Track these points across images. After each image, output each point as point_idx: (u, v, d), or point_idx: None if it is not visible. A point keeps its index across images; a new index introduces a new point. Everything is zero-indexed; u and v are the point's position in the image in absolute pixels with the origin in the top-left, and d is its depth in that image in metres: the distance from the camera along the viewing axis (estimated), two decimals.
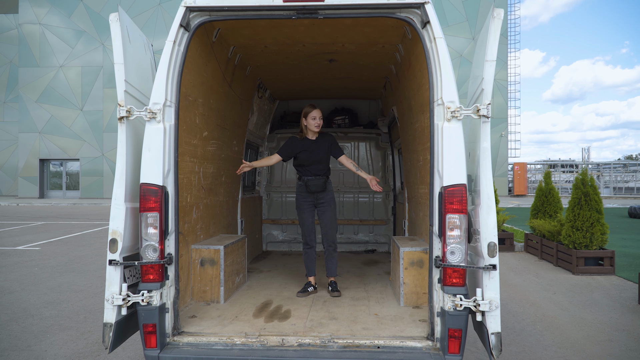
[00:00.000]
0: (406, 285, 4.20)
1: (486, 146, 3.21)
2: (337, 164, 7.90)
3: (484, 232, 3.16)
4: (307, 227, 4.96)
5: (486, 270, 3.12)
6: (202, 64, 4.17)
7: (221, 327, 3.61)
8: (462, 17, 31.26)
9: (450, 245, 3.23)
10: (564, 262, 8.93)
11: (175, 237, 3.43)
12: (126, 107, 3.30)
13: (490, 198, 3.18)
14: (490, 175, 3.20)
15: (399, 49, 4.72)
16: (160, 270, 3.35)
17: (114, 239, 3.27)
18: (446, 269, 3.22)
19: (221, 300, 4.30)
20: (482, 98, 3.21)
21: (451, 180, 3.21)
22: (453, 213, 3.23)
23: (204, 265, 4.31)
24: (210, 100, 4.57)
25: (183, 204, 4.07)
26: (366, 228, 7.89)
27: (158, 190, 3.33)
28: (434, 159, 3.30)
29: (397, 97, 5.70)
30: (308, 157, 4.89)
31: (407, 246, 4.30)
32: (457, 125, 3.23)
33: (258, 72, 5.84)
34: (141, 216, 3.32)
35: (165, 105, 3.36)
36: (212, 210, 4.91)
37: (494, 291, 3.11)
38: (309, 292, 4.73)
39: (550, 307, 6.44)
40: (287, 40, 4.60)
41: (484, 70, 3.21)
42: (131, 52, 3.51)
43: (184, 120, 3.95)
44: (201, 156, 4.46)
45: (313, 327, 3.61)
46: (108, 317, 3.22)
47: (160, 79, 3.37)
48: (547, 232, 9.79)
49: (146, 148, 3.33)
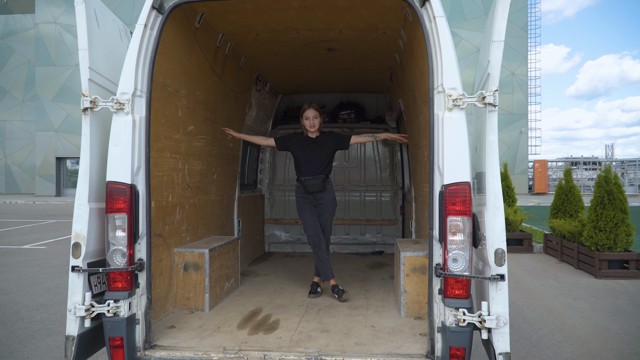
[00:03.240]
0: (407, 293, 3.82)
1: (493, 139, 2.81)
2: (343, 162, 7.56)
3: (491, 237, 2.77)
4: (312, 227, 4.64)
5: (493, 281, 2.73)
6: (183, 52, 3.84)
7: (199, 339, 3.27)
8: (481, 10, 30.50)
9: (452, 252, 2.84)
10: (586, 265, 8.43)
11: (147, 240, 3.10)
12: (90, 97, 2.98)
13: (498, 198, 2.78)
14: (497, 172, 2.81)
15: (401, 35, 4.33)
16: (129, 277, 3.02)
17: (77, 243, 2.96)
18: (447, 278, 2.83)
19: (206, 308, 3.96)
20: (488, 84, 2.81)
21: (453, 177, 2.83)
22: (455, 215, 2.84)
23: (187, 270, 3.98)
24: (196, 92, 4.24)
25: (163, 204, 3.74)
26: (373, 228, 7.49)
27: (126, 189, 3.00)
28: (434, 153, 2.91)
29: (402, 88, 5.31)
30: (304, 155, 4.63)
31: (409, 250, 3.92)
32: (460, 115, 2.83)
33: (254, 63, 5.50)
34: (107, 218, 3.01)
35: (134, 95, 3.03)
36: (201, 210, 4.59)
37: (502, 305, 2.71)
38: (319, 292, 4.59)
39: (570, 314, 5.98)
40: (279, 26, 4.25)
41: (490, 52, 2.81)
42: (100, 38, 3.19)
43: (162, 113, 3.62)
44: (186, 152, 4.13)
45: (300, 341, 3.25)
46: (70, 330, 2.92)
47: (129, 66, 3.04)
48: (568, 232, 9.29)
49: (113, 143, 3.01)
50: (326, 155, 4.66)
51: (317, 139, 4.68)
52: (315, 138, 4.68)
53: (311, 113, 4.57)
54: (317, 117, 4.59)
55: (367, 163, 7.56)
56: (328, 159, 4.69)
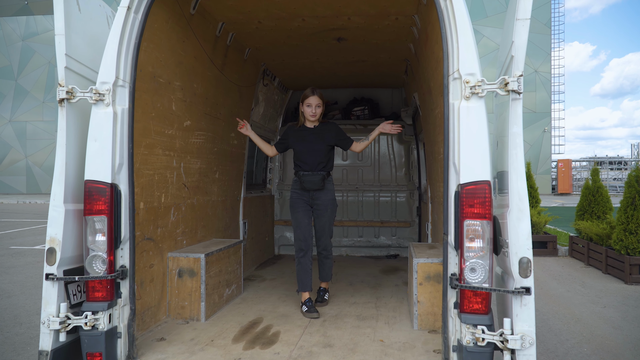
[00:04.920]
0: (421, 304, 3.46)
1: (517, 131, 2.45)
2: (356, 160, 7.21)
3: (514, 245, 2.41)
4: (302, 229, 4.15)
5: (517, 295, 2.37)
6: (176, 41, 3.55)
7: (189, 354, 2.97)
8: (502, 6, 29.76)
9: (470, 261, 2.49)
10: (615, 270, 7.93)
11: (130, 245, 2.81)
12: (67, 88, 2.70)
13: (523, 200, 2.41)
14: (522, 169, 2.44)
15: (415, 21, 3.98)
16: (109, 286, 2.74)
17: (52, 249, 2.68)
18: (464, 290, 2.48)
19: (202, 317, 3.66)
20: (511, 68, 2.45)
21: (471, 176, 2.47)
22: (473, 218, 2.49)
23: (182, 277, 3.69)
24: (193, 85, 3.95)
25: (154, 204, 3.45)
26: (388, 230, 7.12)
27: (106, 189, 2.72)
28: (449, 148, 2.57)
29: (417, 81, 4.95)
30: (303, 148, 4.16)
31: (423, 256, 3.56)
32: (478, 105, 2.48)
33: (260, 55, 5.19)
34: (86, 220, 2.72)
35: (116, 85, 2.75)
36: (201, 211, 4.29)
37: (527, 323, 2.35)
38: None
39: (599, 324, 5.54)
40: (283, 12, 3.93)
41: (514, 31, 2.45)
42: (81, 23, 2.93)
43: (152, 106, 3.33)
44: (181, 149, 3.84)
45: (299, 357, 2.93)
46: (44, 344, 2.65)
47: (110, 53, 2.75)
48: (595, 235, 8.80)
49: (92, 138, 2.72)
50: (326, 148, 4.20)
51: (315, 129, 4.23)
52: (314, 128, 4.24)
53: (314, 100, 4.12)
54: (320, 105, 4.15)
55: (381, 161, 7.20)
56: (328, 151, 4.23)
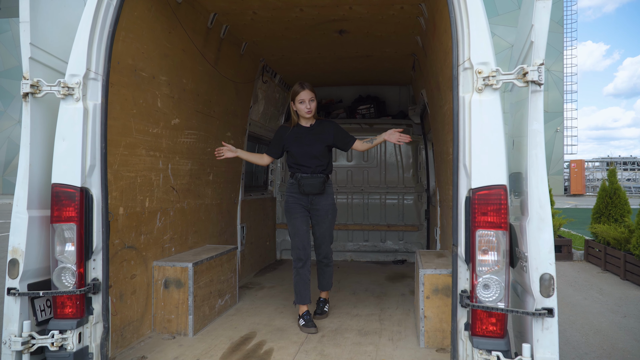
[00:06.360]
0: (428, 319, 3.15)
1: (537, 128, 2.13)
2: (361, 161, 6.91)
3: (535, 259, 2.09)
4: (300, 237, 3.79)
5: (538, 317, 2.05)
6: (160, 31, 3.26)
7: None
8: (514, 4, 29.26)
9: (483, 276, 2.18)
10: (634, 276, 7.54)
11: (103, 256, 2.53)
12: (31, 81, 2.43)
13: (544, 207, 2.09)
14: (543, 171, 2.12)
15: (422, 10, 3.67)
16: (79, 302, 2.46)
17: (14, 260, 2.41)
18: (476, 311, 2.17)
19: (189, 332, 3.37)
20: (531, 55, 2.13)
21: (484, 179, 2.17)
22: (487, 228, 2.18)
23: (168, 288, 3.40)
24: (182, 80, 3.67)
25: (137, 209, 3.17)
26: (395, 235, 6.79)
27: (76, 193, 2.44)
28: (459, 148, 2.26)
29: (425, 76, 4.63)
30: (300, 149, 3.77)
31: (430, 266, 3.25)
32: (493, 98, 2.17)
33: (258, 50, 4.90)
34: (53, 228, 2.45)
35: (87, 77, 2.47)
36: (192, 216, 4.01)
37: (550, 350, 2.03)
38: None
39: (620, 335, 5.17)
40: (278, 2, 3.63)
41: (533, 14, 2.13)
42: (51, 9, 2.65)
43: (134, 103, 3.05)
44: (168, 149, 3.56)
45: None
46: None
47: (81, 42, 2.48)
48: (613, 239, 8.41)
49: (60, 136, 2.45)
50: (325, 148, 3.84)
51: (312, 128, 3.85)
52: (311, 127, 3.85)
53: (307, 95, 3.72)
54: (314, 99, 3.76)
55: (388, 162, 6.88)
56: (326, 152, 3.86)
